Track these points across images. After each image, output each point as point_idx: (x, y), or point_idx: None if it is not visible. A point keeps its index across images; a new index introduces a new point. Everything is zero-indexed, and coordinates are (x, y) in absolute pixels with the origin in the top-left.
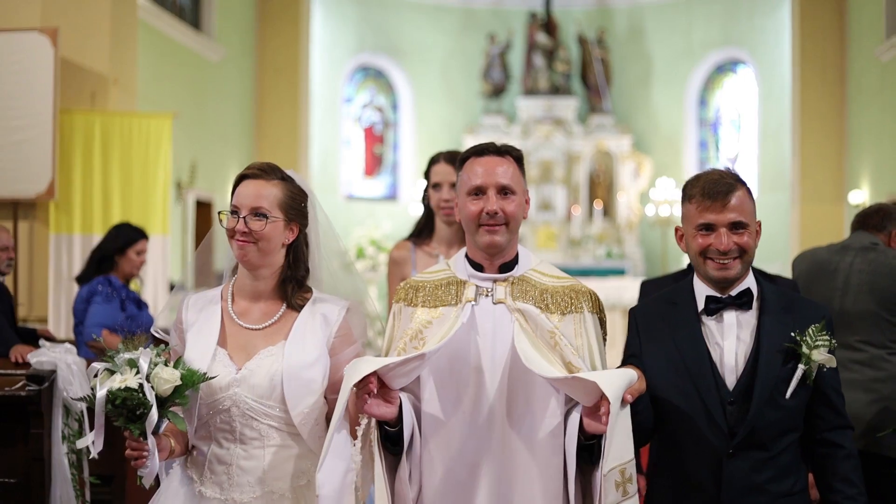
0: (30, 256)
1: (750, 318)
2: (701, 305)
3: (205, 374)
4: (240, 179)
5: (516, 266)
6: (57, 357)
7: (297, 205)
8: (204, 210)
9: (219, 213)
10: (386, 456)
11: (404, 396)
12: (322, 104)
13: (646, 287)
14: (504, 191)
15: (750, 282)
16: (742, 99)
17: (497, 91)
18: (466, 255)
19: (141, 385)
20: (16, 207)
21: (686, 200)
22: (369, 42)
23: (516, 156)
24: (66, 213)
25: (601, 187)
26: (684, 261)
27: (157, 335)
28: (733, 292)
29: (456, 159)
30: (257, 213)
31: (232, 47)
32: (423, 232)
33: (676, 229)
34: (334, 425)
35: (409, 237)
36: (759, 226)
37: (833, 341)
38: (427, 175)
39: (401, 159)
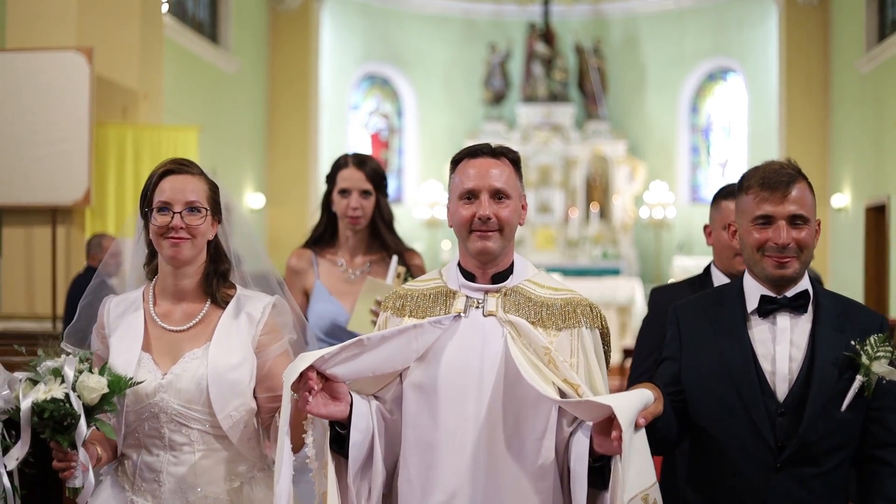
0: (67, 259)
1: (804, 322)
2: (753, 305)
3: (131, 379)
4: (163, 174)
5: (511, 276)
6: None
7: (217, 199)
8: None
9: (144, 211)
10: (341, 462)
11: (363, 400)
12: (330, 111)
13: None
14: (498, 195)
15: (806, 283)
16: (732, 106)
17: (497, 98)
18: (459, 264)
19: (67, 395)
20: (54, 213)
21: (742, 192)
22: (375, 52)
23: (512, 158)
24: (101, 218)
25: (597, 191)
26: (676, 262)
27: (68, 349)
28: (789, 293)
29: (364, 165)
30: (192, 207)
31: (247, 59)
32: (322, 238)
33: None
34: (283, 435)
35: (307, 244)
36: (819, 225)
37: (895, 352)
38: (332, 178)
39: (405, 164)
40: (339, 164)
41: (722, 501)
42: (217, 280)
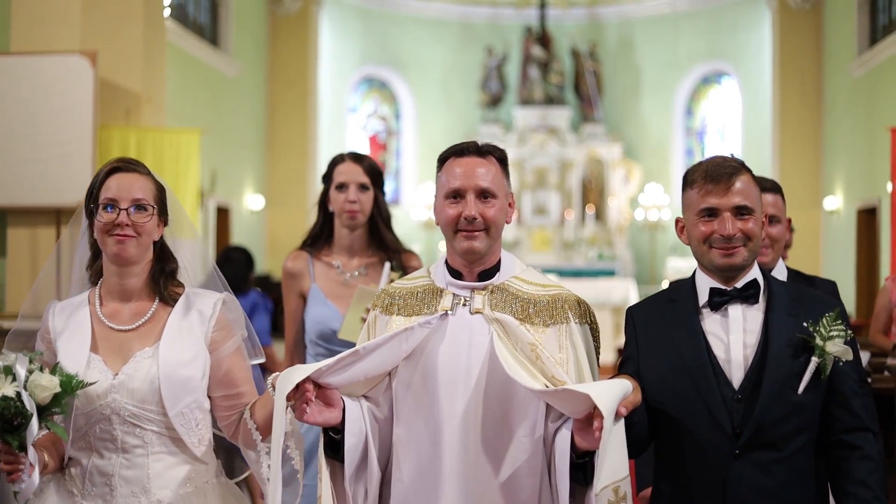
0: (71, 259)
1: (757, 312)
2: (703, 299)
3: (81, 380)
4: (110, 172)
5: (497, 273)
6: None
7: (164, 199)
8: (223, 216)
9: (90, 206)
10: (336, 467)
11: (354, 403)
12: (329, 114)
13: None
14: (484, 194)
15: (756, 273)
16: (726, 109)
17: (494, 101)
18: (446, 262)
19: (18, 393)
20: (59, 214)
21: (687, 186)
22: (373, 55)
23: (499, 156)
24: None
25: (593, 193)
26: (669, 264)
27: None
28: (739, 284)
29: (362, 160)
30: (139, 205)
31: (247, 62)
32: (318, 239)
33: (677, 221)
34: (276, 447)
35: (303, 246)
36: (767, 218)
37: (849, 332)
38: (328, 176)
39: (403, 166)
40: (336, 161)
41: (688, 492)
42: (165, 278)
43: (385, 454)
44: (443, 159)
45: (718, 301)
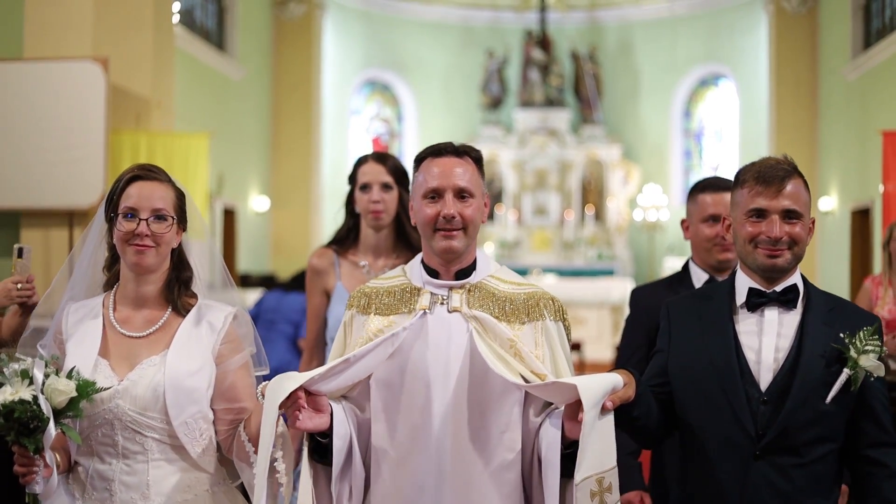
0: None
1: (793, 315)
2: (742, 299)
3: (96, 384)
4: (130, 180)
5: (474, 272)
6: None
7: (183, 206)
8: (229, 217)
9: (111, 216)
10: (321, 469)
11: (338, 404)
12: (332, 116)
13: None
14: (462, 194)
15: (797, 278)
16: (723, 111)
17: (495, 103)
18: (422, 261)
19: (35, 397)
20: (71, 217)
21: (738, 186)
22: (376, 58)
23: (475, 157)
24: None
25: (592, 193)
26: (667, 264)
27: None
28: (778, 287)
29: (385, 160)
30: (158, 215)
31: (252, 66)
32: (346, 239)
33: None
34: (264, 452)
35: (330, 244)
36: (813, 223)
37: (884, 348)
38: (353, 177)
39: (405, 167)
40: (360, 162)
41: (705, 491)
42: (179, 287)
43: (368, 452)
44: (420, 159)
45: (756, 302)
